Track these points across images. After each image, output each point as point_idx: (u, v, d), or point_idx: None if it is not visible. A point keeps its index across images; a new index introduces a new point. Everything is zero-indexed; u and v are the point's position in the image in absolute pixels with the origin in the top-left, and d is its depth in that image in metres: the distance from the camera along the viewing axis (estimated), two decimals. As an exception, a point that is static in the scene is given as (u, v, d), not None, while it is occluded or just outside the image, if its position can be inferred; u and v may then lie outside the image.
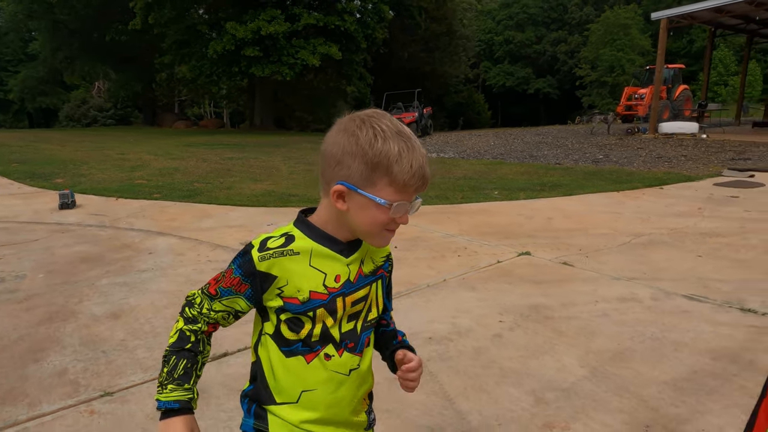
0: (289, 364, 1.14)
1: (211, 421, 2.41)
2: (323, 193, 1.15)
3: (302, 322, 1.13)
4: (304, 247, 1.13)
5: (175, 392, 1.10)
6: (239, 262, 1.14)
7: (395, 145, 1.05)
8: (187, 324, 1.16)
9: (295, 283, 1.11)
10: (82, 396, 2.62)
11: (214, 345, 3.03)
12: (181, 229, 6.03)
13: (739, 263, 4.56)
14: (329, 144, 1.11)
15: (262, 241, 1.14)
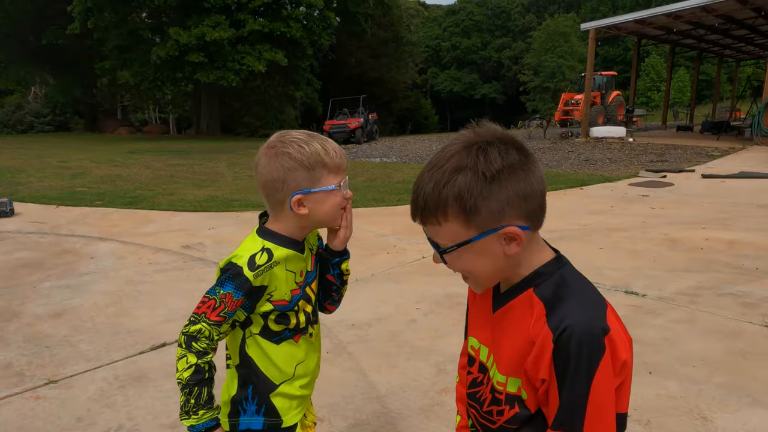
0: (282, 349, 1.33)
1: (149, 399, 2.70)
2: (277, 211, 1.31)
3: (288, 316, 1.33)
4: (281, 256, 1.29)
5: (207, 414, 1.25)
6: (236, 284, 1.23)
7: (315, 142, 1.27)
8: (200, 358, 1.26)
9: (281, 288, 1.30)
10: (27, 384, 2.86)
11: (153, 336, 3.32)
12: (123, 234, 6.20)
13: (633, 254, 5.14)
14: (267, 174, 1.27)
15: (249, 260, 1.25)
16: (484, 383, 1.02)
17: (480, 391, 1.03)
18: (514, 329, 0.94)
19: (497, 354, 0.98)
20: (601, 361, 0.83)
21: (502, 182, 0.87)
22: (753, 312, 3.70)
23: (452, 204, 0.86)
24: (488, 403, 1.00)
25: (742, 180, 9.72)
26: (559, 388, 0.85)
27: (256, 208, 7.67)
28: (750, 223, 6.47)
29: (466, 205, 0.85)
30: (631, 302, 3.91)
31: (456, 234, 0.88)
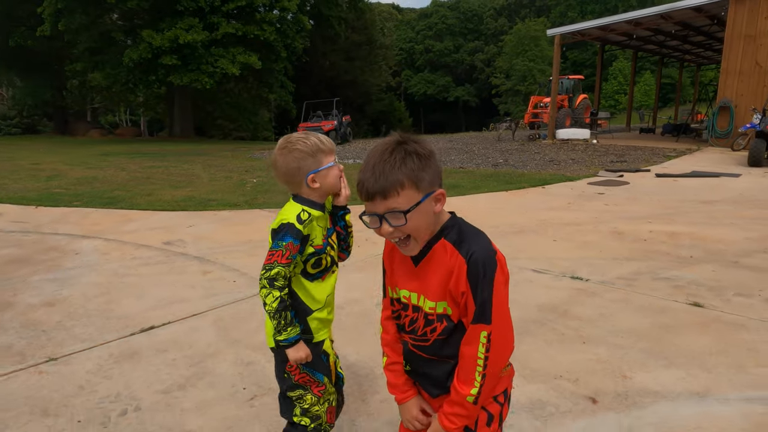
0: (315, 285, 1.89)
1: (142, 372, 3.03)
2: (299, 189, 1.85)
3: (321, 259, 1.87)
4: (315, 215, 1.83)
5: (293, 330, 1.77)
6: (293, 235, 1.76)
7: (311, 137, 1.84)
8: (281, 291, 1.74)
9: (317, 237, 1.84)
10: (29, 362, 3.16)
11: (142, 321, 3.63)
12: (105, 232, 6.45)
13: (583, 245, 5.62)
14: (284, 165, 1.82)
15: (296, 217, 1.78)
16: (419, 317, 1.41)
17: (416, 324, 1.43)
18: (436, 268, 1.34)
19: (425, 291, 1.38)
20: (496, 271, 1.27)
21: (431, 161, 1.31)
22: (680, 292, 4.19)
23: (407, 177, 1.26)
24: (422, 328, 1.41)
25: (693, 178, 10.36)
26: (473, 295, 1.27)
27: (232, 208, 7.98)
28: (693, 217, 7.03)
29: (416, 176, 1.26)
30: (574, 286, 4.36)
31: (411, 198, 1.27)
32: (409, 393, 1.52)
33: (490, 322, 1.27)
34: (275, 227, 1.81)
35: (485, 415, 1.39)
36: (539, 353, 3.22)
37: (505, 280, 1.31)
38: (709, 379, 2.89)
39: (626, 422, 2.52)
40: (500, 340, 1.28)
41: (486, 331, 1.28)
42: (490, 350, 1.28)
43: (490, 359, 1.29)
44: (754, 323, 3.61)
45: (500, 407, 1.41)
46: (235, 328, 3.62)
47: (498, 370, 1.32)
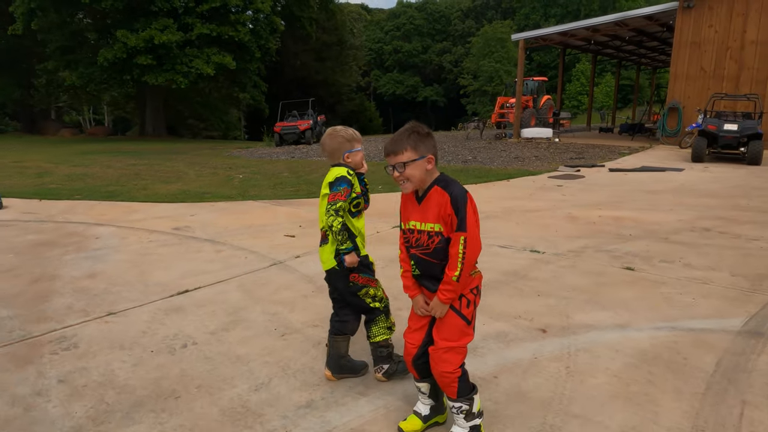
0: (356, 219, 2.85)
1: (190, 320, 3.79)
2: (337, 160, 2.83)
3: (359, 203, 2.84)
4: (352, 174, 2.79)
5: (349, 243, 2.73)
6: (347, 182, 2.71)
7: (349, 130, 2.88)
8: (342, 218, 2.68)
9: (356, 186, 2.80)
10: (94, 315, 3.89)
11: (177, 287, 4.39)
12: (115, 221, 7.11)
13: (541, 227, 6.55)
14: (330, 145, 2.84)
15: (346, 172, 2.74)
16: (422, 236, 2.27)
17: (420, 240, 2.28)
18: (432, 204, 2.20)
19: (425, 218, 2.24)
20: (468, 201, 2.13)
21: (426, 138, 2.21)
22: (617, 261, 5.13)
23: (409, 144, 2.16)
24: (426, 242, 2.26)
25: (641, 172, 11.48)
26: (456, 215, 2.13)
27: (227, 200, 8.68)
28: (637, 204, 8.06)
29: (414, 145, 2.16)
30: (533, 257, 5.26)
31: (410, 157, 2.17)
32: (417, 291, 2.37)
33: (465, 230, 2.13)
34: (332, 180, 2.73)
35: (465, 300, 2.24)
36: (503, 303, 4.09)
37: (474, 209, 2.18)
38: (630, 317, 3.80)
39: (566, 343, 3.40)
40: (472, 242, 2.14)
41: (463, 236, 2.12)
42: (466, 248, 2.13)
43: (466, 254, 2.14)
44: (671, 281, 4.56)
45: (474, 296, 2.27)
46: (257, 290, 4.40)
47: (471, 261, 2.17)
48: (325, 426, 2.53)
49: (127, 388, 2.88)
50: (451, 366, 2.25)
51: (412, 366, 2.43)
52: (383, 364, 2.95)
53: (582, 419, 2.57)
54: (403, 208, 2.37)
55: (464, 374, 2.29)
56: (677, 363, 3.13)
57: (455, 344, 2.26)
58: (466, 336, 2.30)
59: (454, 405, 2.32)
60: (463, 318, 2.27)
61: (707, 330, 3.58)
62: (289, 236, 6.12)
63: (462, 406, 2.30)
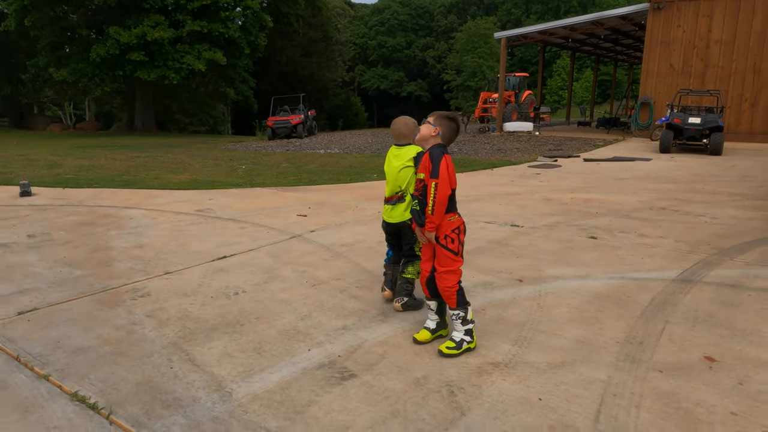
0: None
1: (234, 277, 4.65)
2: (407, 141, 3.77)
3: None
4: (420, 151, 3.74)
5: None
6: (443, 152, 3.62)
7: (413, 120, 3.85)
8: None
9: None
10: (155, 274, 4.74)
11: (214, 255, 5.30)
12: (141, 204, 7.91)
13: (520, 207, 7.50)
14: (405, 130, 3.77)
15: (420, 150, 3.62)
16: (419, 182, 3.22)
17: (418, 185, 3.24)
18: (423, 160, 3.14)
19: (420, 170, 3.19)
20: (442, 158, 3.08)
21: (442, 120, 3.21)
22: (584, 232, 6.09)
23: (432, 120, 3.16)
24: (419, 185, 3.21)
25: (613, 162, 12.51)
26: (431, 164, 3.08)
27: (237, 187, 9.50)
28: (605, 189, 9.05)
29: (435, 121, 3.17)
30: (513, 230, 6.20)
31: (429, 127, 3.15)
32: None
33: (437, 177, 3.05)
34: (415, 156, 3.66)
35: (449, 239, 3.19)
36: (488, 262, 5.01)
37: (447, 165, 3.09)
38: (589, 271, 4.75)
39: (538, 288, 4.34)
40: (441, 186, 3.06)
41: (435, 182, 3.05)
42: (437, 190, 3.06)
43: (437, 196, 3.06)
44: (626, 246, 5.52)
45: (456, 235, 3.22)
46: (284, 255, 5.27)
47: (441, 200, 3.08)
48: (358, 340, 3.43)
49: (201, 320, 3.75)
50: (450, 282, 3.18)
51: (426, 286, 3.35)
52: (404, 296, 3.86)
53: (547, 333, 3.50)
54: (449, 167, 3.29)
55: (461, 290, 3.22)
56: (621, 300, 4.08)
57: (449, 268, 3.19)
58: (456, 262, 3.22)
59: (454, 313, 3.23)
60: (450, 251, 3.20)
61: (649, 279, 4.54)
62: (302, 215, 6.98)
63: (459, 312, 3.21)
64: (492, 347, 3.31)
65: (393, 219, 3.95)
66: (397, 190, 3.88)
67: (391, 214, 3.96)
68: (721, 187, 9.30)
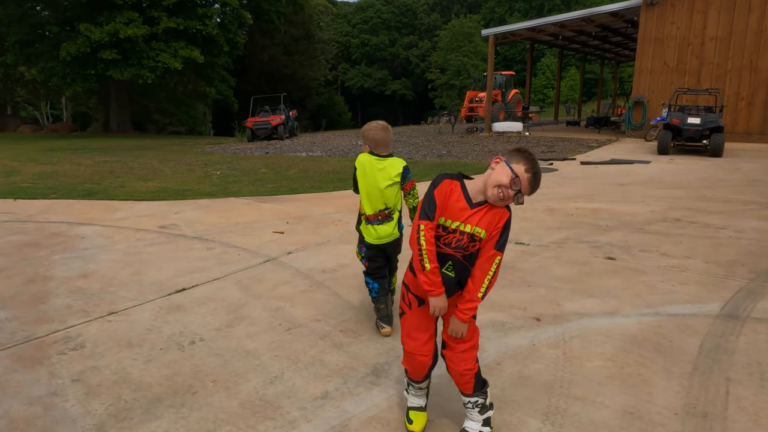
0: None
1: (193, 318, 3.84)
2: (388, 150, 3.44)
3: None
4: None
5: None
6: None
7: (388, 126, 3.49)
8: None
9: None
10: (96, 315, 3.90)
11: (173, 285, 4.42)
12: (98, 220, 7.03)
13: (523, 219, 6.76)
14: (385, 138, 3.39)
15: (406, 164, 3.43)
16: (465, 238, 2.16)
17: (462, 242, 2.16)
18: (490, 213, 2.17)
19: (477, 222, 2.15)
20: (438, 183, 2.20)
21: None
22: (598, 251, 5.37)
23: None
24: (467, 243, 2.16)
25: (611, 165, 11.87)
26: (502, 233, 2.18)
27: (209, 196, 8.66)
28: (610, 196, 8.37)
29: None
30: (519, 249, 5.46)
31: None
32: (442, 290, 2.29)
33: (503, 252, 2.19)
34: (401, 171, 3.37)
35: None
36: (496, 294, 4.25)
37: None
38: (617, 304, 4.02)
39: (560, 330, 3.59)
40: (499, 268, 2.23)
41: (499, 257, 2.17)
42: (497, 269, 2.20)
43: (495, 275, 2.20)
44: (651, 269, 4.81)
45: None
46: (256, 286, 4.47)
47: (494, 283, 2.25)
48: (343, 415, 2.65)
49: (143, 385, 2.94)
50: (471, 362, 2.35)
51: (422, 371, 2.44)
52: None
53: (584, 401, 2.75)
54: (441, 199, 2.17)
55: (479, 369, 2.40)
56: (664, 346, 3.34)
57: (472, 343, 2.36)
58: (477, 331, 2.39)
59: (470, 400, 2.39)
60: (474, 318, 2.36)
61: (688, 315, 3.82)
62: (278, 232, 6.18)
63: (478, 400, 2.39)
64: (517, 427, 2.54)
65: (381, 240, 3.46)
66: (382, 208, 3.42)
67: (379, 234, 3.45)
68: (731, 193, 8.67)
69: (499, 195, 2.09)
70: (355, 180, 3.61)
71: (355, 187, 3.61)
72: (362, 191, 3.49)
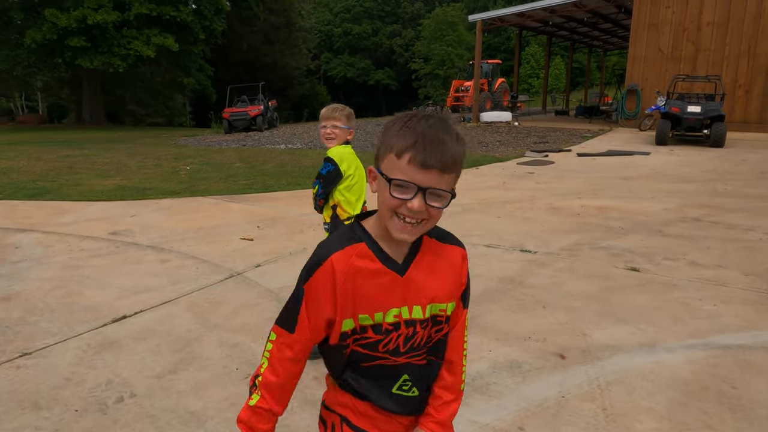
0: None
1: (127, 360, 3.03)
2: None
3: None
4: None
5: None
6: None
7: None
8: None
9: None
10: (5, 356, 3.06)
11: (111, 312, 3.56)
12: (41, 225, 6.14)
13: (525, 221, 6.02)
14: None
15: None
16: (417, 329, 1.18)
17: (416, 338, 1.19)
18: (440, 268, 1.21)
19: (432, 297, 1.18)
20: (316, 267, 1.15)
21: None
22: (618, 260, 4.63)
23: (460, 164, 1.12)
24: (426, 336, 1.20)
25: (609, 157, 11.18)
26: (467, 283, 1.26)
27: (173, 196, 7.78)
28: (616, 192, 7.65)
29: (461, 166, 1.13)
30: (525, 258, 4.70)
31: (453, 184, 1.11)
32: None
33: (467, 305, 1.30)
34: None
35: None
36: (506, 319, 3.50)
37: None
38: (654, 333, 3.28)
39: (593, 373, 2.84)
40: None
41: (466, 312, 1.29)
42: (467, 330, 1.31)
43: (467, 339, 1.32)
44: (683, 283, 4.08)
45: None
46: (212, 313, 3.65)
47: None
48: None
49: (39, 474, 2.13)
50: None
51: None
52: None
53: (645, 490, 1.99)
54: (342, 292, 1.13)
55: None
56: (729, 396, 2.61)
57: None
58: None
59: None
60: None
61: (746, 347, 3.09)
62: (247, 239, 5.35)
63: None
64: None
65: None
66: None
67: None
68: (743, 186, 8.01)
69: (407, 222, 1.10)
70: (333, 181, 2.88)
71: (328, 192, 2.89)
72: (355, 189, 2.99)
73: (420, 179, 1.07)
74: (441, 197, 1.09)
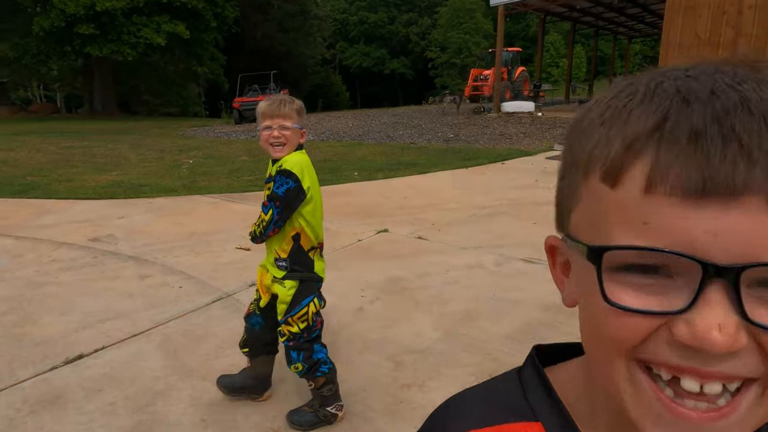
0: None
1: (70, 425, 2.32)
2: None
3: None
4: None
5: None
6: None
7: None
8: None
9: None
10: None
11: (66, 347, 2.85)
12: (17, 227, 5.48)
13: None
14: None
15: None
16: None
17: None
18: None
19: None
20: None
21: None
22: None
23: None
24: None
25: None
26: None
27: (169, 194, 7.09)
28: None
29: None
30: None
31: None
32: None
33: None
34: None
35: None
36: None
37: None
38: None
39: None
40: None
41: None
42: None
43: None
44: None
45: None
46: (190, 349, 2.93)
47: None
48: None
49: None
50: None
51: None
52: None
53: None
54: None
55: None
56: None
57: None
58: None
59: None
60: None
61: None
62: (243, 249, 4.63)
63: None
64: None
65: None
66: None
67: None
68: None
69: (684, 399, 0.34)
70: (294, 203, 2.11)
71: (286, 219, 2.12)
72: (318, 212, 2.24)
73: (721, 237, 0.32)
74: None
